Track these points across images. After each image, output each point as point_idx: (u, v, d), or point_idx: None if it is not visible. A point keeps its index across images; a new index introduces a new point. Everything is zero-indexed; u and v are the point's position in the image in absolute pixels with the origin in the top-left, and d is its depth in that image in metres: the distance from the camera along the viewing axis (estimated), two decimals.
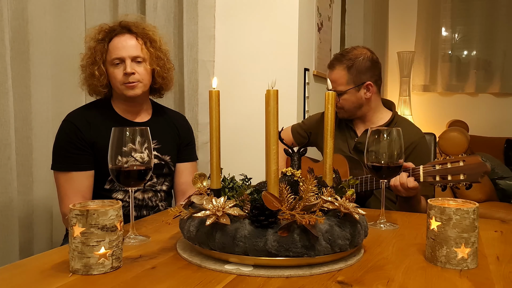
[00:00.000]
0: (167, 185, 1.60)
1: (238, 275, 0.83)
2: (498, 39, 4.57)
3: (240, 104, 2.40)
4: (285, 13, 2.32)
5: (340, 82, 1.71)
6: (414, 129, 1.75)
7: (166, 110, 1.70)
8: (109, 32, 1.50)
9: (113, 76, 1.48)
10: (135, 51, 1.48)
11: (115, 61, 1.47)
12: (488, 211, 3.21)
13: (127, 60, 1.46)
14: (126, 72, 1.46)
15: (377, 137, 1.19)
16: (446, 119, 4.59)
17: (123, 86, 1.48)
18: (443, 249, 0.88)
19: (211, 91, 0.94)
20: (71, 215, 0.83)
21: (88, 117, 1.49)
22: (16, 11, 1.72)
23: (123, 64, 1.47)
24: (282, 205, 0.86)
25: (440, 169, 1.35)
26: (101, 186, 1.48)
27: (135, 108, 1.56)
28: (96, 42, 1.49)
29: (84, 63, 1.51)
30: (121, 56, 1.46)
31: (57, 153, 1.47)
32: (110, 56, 1.48)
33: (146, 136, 1.05)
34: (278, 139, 0.88)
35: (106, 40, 1.49)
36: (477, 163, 1.31)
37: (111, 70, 1.48)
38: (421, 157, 1.65)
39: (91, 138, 1.46)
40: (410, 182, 1.38)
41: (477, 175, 1.30)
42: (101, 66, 1.47)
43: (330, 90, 1.07)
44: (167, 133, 1.61)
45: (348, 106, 1.73)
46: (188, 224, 0.92)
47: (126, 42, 1.48)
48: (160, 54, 1.54)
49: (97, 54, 1.47)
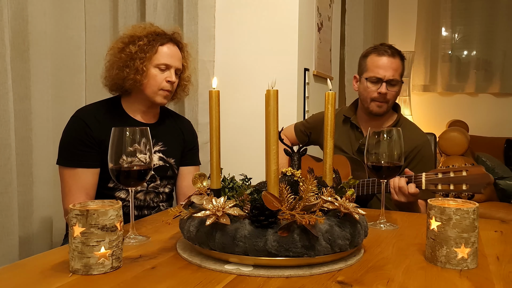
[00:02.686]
0: (169, 188, 1.61)
1: (238, 275, 0.83)
2: (498, 39, 4.57)
3: (240, 104, 2.40)
4: (285, 13, 2.32)
5: (399, 72, 1.69)
6: (418, 132, 1.74)
7: (173, 113, 1.71)
8: (161, 37, 1.52)
9: (155, 79, 1.49)
10: (179, 63, 1.56)
11: (162, 66, 1.50)
12: (488, 211, 3.22)
13: (172, 69, 1.52)
14: (170, 80, 1.51)
15: (377, 137, 1.19)
16: (446, 119, 4.59)
17: (160, 91, 1.51)
18: (443, 249, 0.88)
19: (211, 91, 0.94)
20: (71, 215, 0.83)
21: (97, 115, 1.49)
22: (16, 11, 1.72)
23: (166, 71, 1.51)
24: (282, 205, 0.85)
25: (442, 177, 1.34)
26: (105, 184, 1.48)
27: (149, 110, 1.57)
28: (148, 40, 1.49)
29: (126, 55, 1.48)
30: (170, 63, 1.51)
31: (63, 148, 1.47)
32: (158, 60, 1.49)
33: (146, 136, 1.05)
34: (278, 139, 0.88)
35: (157, 43, 1.50)
36: (480, 174, 1.29)
37: (153, 72, 1.49)
38: (425, 161, 1.64)
39: (100, 136, 1.45)
40: (411, 188, 1.37)
41: (480, 186, 1.28)
42: (147, 65, 1.48)
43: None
44: (173, 136, 1.62)
45: (393, 100, 1.71)
46: (188, 224, 0.92)
47: (176, 53, 1.54)
48: (190, 71, 1.62)
49: (148, 52, 1.48)
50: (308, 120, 2.01)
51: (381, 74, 1.66)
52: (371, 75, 1.69)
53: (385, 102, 1.69)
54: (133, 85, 1.50)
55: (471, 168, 1.31)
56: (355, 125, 1.79)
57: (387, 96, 1.67)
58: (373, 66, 1.69)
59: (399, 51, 1.71)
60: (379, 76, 1.66)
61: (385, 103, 1.69)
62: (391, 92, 1.67)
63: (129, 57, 1.48)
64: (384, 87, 1.66)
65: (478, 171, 1.30)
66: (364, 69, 1.73)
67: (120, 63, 1.49)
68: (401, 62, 1.70)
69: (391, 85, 1.67)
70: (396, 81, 1.67)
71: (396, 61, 1.68)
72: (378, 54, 1.69)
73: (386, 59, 1.67)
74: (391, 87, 1.67)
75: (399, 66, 1.69)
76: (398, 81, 1.67)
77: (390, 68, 1.66)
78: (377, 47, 1.72)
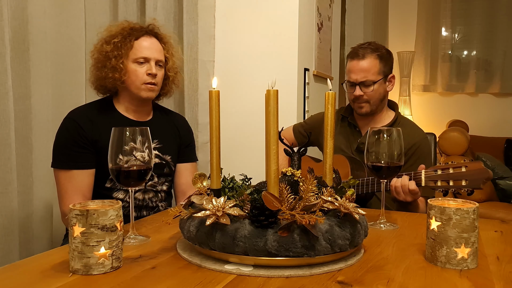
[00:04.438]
0: (167, 185, 1.60)
1: (238, 275, 0.83)
2: (498, 39, 4.57)
3: (240, 104, 2.40)
4: (285, 13, 2.32)
5: (373, 72, 1.68)
6: (417, 130, 1.75)
7: (167, 110, 1.70)
8: (136, 31, 1.50)
9: (135, 74, 1.48)
10: (159, 55, 1.52)
11: (140, 59, 1.48)
12: (488, 211, 3.22)
13: (152, 61, 1.49)
14: (150, 73, 1.48)
15: (377, 137, 1.19)
16: (446, 119, 4.59)
17: (143, 86, 1.49)
18: (443, 249, 0.88)
19: (211, 91, 0.94)
20: (71, 215, 0.83)
21: (90, 115, 1.49)
22: (16, 11, 1.72)
23: (146, 65, 1.49)
24: (282, 205, 0.85)
25: (442, 174, 1.34)
26: (102, 184, 1.48)
27: (140, 108, 1.56)
28: (122, 37, 1.48)
29: (102, 55, 1.49)
30: (147, 56, 1.49)
31: (57, 150, 1.46)
32: (135, 54, 1.48)
33: (146, 135, 1.05)
34: (278, 139, 0.88)
35: (132, 38, 1.49)
36: (479, 169, 1.30)
37: (133, 67, 1.48)
38: (423, 159, 1.65)
39: (93, 136, 1.45)
40: (411, 184, 1.38)
41: (479, 181, 1.29)
42: (124, 61, 1.47)
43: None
44: (168, 133, 1.61)
45: (375, 99, 1.71)
46: (188, 224, 0.92)
47: (154, 45, 1.51)
48: (176, 62, 1.59)
49: (122, 48, 1.47)
50: (307, 121, 2.01)
51: (352, 78, 1.70)
52: (346, 79, 1.75)
53: (365, 102, 1.70)
54: (114, 84, 1.49)
55: (470, 164, 1.31)
56: (353, 124, 1.79)
57: (364, 97, 1.69)
58: (347, 71, 1.74)
59: (377, 48, 1.70)
60: (352, 80, 1.70)
61: (365, 103, 1.71)
62: (368, 93, 1.69)
63: (105, 57, 1.48)
64: (358, 89, 1.68)
65: (477, 166, 1.31)
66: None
67: (98, 64, 1.50)
68: (377, 60, 1.68)
69: (365, 86, 1.68)
70: (369, 82, 1.67)
71: (367, 61, 1.68)
72: (351, 58, 1.72)
73: (356, 62, 1.69)
74: (365, 88, 1.68)
75: (373, 65, 1.68)
76: (371, 81, 1.67)
77: (360, 70, 1.68)
78: (353, 49, 1.75)
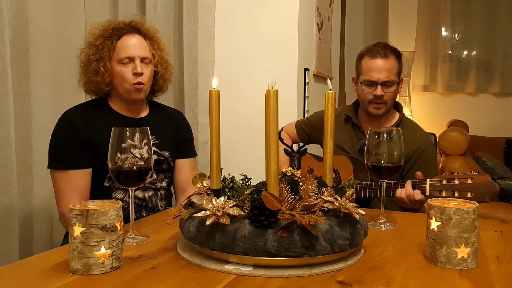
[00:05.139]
0: (166, 182, 1.59)
1: (238, 275, 0.83)
2: (498, 39, 4.57)
3: (240, 104, 2.40)
4: (285, 13, 2.32)
5: (394, 72, 1.67)
6: (421, 133, 1.73)
7: (163, 106, 1.69)
8: (117, 30, 1.47)
9: (121, 75, 1.45)
10: (144, 52, 1.48)
11: (125, 60, 1.45)
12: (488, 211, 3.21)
13: (136, 60, 1.45)
14: (136, 72, 1.45)
15: (377, 137, 1.19)
16: (446, 119, 4.59)
17: (132, 87, 1.46)
18: (443, 249, 0.88)
19: (211, 91, 0.94)
20: (71, 215, 0.83)
21: (85, 115, 1.48)
22: (16, 11, 1.72)
23: (131, 64, 1.46)
24: (282, 205, 0.85)
25: (447, 184, 1.33)
26: (100, 183, 1.47)
27: (134, 106, 1.55)
28: (103, 39, 1.46)
29: (85, 59, 1.48)
30: (131, 55, 1.45)
31: (53, 151, 1.45)
32: (118, 55, 1.45)
33: (146, 134, 1.05)
34: (278, 139, 0.88)
35: (114, 38, 1.46)
36: (486, 183, 1.28)
37: (118, 68, 1.45)
38: (428, 163, 1.63)
39: (88, 135, 1.44)
40: (417, 194, 1.37)
41: (485, 194, 1.27)
42: (107, 64, 1.44)
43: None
44: (165, 128, 1.60)
45: (391, 100, 1.69)
46: (188, 224, 0.92)
47: (136, 42, 1.47)
48: (165, 57, 1.55)
49: (104, 51, 1.44)
50: (310, 118, 2.00)
51: (375, 77, 1.65)
52: (365, 78, 1.68)
53: (383, 103, 1.68)
54: (98, 87, 1.48)
55: (476, 176, 1.29)
56: (357, 125, 1.78)
57: (384, 98, 1.66)
58: (367, 69, 1.68)
59: (394, 49, 1.70)
60: (373, 79, 1.66)
61: (383, 104, 1.68)
62: (388, 93, 1.66)
63: (88, 61, 1.46)
64: (380, 89, 1.65)
65: (484, 179, 1.28)
66: (359, 72, 1.73)
67: (83, 68, 1.49)
68: (397, 61, 1.68)
69: (387, 86, 1.66)
70: (391, 82, 1.66)
71: (390, 61, 1.66)
72: (371, 57, 1.67)
73: (379, 61, 1.65)
74: (386, 88, 1.66)
75: (394, 65, 1.67)
76: (393, 81, 1.66)
77: (384, 70, 1.65)
78: (370, 48, 1.71)
